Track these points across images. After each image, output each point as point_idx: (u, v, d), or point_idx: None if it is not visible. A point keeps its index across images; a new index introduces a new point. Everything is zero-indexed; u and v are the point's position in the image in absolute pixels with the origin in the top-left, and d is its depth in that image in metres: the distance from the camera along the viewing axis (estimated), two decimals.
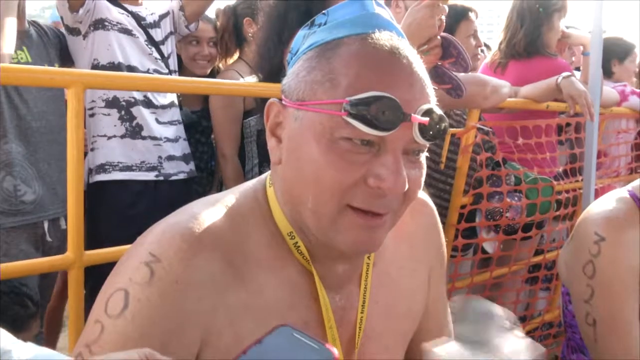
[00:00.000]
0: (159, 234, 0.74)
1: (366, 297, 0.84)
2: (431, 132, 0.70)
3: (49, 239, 2.01)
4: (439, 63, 1.78)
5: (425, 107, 0.70)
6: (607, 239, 1.34)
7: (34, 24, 2.15)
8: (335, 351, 0.56)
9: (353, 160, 0.69)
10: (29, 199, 1.95)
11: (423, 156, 0.75)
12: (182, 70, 2.66)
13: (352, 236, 0.72)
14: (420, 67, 0.74)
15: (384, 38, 0.73)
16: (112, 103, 2.15)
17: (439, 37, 1.74)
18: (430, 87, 0.75)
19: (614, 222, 1.36)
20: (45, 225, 2.01)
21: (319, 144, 0.70)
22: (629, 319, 1.33)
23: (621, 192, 1.43)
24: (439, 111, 0.72)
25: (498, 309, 0.63)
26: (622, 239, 1.34)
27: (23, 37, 2.00)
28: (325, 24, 0.77)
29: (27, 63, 2.00)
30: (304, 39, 0.78)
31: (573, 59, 3.36)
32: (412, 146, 0.71)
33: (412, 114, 0.69)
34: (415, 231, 0.93)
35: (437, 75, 1.80)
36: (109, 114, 2.15)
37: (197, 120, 2.59)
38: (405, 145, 0.70)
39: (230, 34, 2.59)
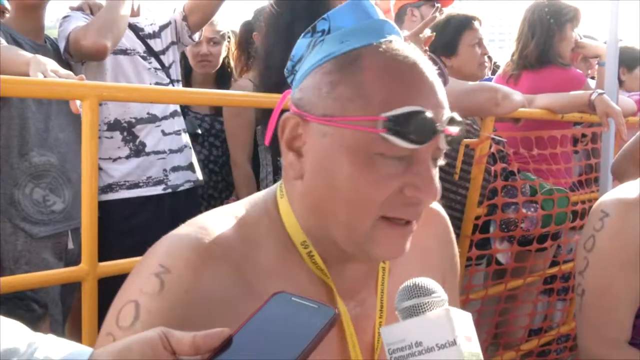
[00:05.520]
0: (169, 246, 0.74)
1: (384, 302, 0.84)
2: (455, 137, 0.73)
3: (71, 246, 2.03)
4: None
5: (448, 114, 0.73)
6: (611, 214, 1.37)
7: (46, 37, 2.17)
8: (335, 308, 0.58)
9: (389, 174, 0.70)
10: (58, 209, 1.98)
11: (439, 162, 0.77)
12: (193, 75, 2.72)
13: (387, 245, 0.74)
14: (434, 73, 0.75)
15: (401, 48, 0.74)
16: (113, 126, 2.16)
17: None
18: (444, 92, 0.76)
19: (622, 202, 1.39)
20: (69, 233, 2.03)
21: (354, 160, 0.70)
22: (617, 295, 1.35)
23: (635, 182, 1.45)
24: (457, 117, 0.74)
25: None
26: (628, 217, 1.36)
27: (40, 52, 2.03)
28: (329, 30, 0.76)
29: None
30: (309, 47, 0.78)
31: (589, 71, 3.33)
32: (436, 154, 0.73)
33: (445, 127, 0.71)
34: (427, 240, 0.92)
35: None
36: (112, 137, 2.16)
37: (209, 123, 2.62)
38: (432, 153, 0.72)
39: (245, 48, 2.63)
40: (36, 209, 1.93)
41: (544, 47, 2.69)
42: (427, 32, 1.79)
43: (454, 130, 0.73)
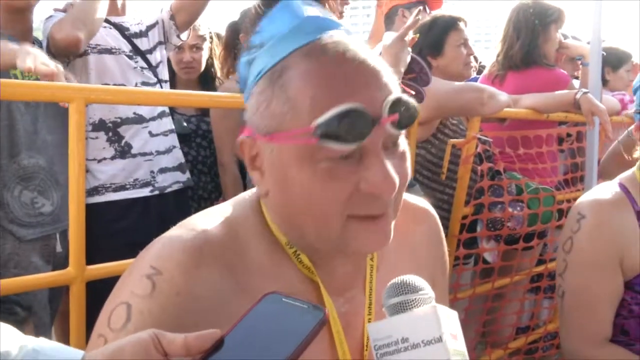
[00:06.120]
0: (160, 248, 0.74)
1: (372, 299, 0.84)
2: (404, 120, 0.69)
3: (59, 249, 2.01)
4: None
5: (391, 98, 0.69)
6: (587, 216, 1.40)
7: (35, 39, 2.17)
8: (326, 309, 0.58)
9: (340, 176, 0.69)
10: (47, 211, 1.96)
11: (402, 142, 0.73)
12: (177, 77, 2.71)
13: (362, 240, 0.73)
14: (371, 57, 0.72)
15: (327, 44, 0.71)
16: (98, 126, 2.15)
17: None
18: (388, 73, 0.73)
19: (597, 203, 1.42)
20: (57, 236, 2.01)
21: (302, 172, 0.69)
22: (597, 295, 1.38)
23: (611, 183, 1.47)
24: (404, 97, 0.70)
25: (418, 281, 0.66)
26: (603, 218, 1.39)
27: None
28: (262, 44, 0.74)
29: (37, 79, 2.02)
30: (247, 66, 0.77)
31: (576, 72, 3.37)
32: (390, 139, 0.71)
33: (382, 117, 0.68)
34: (417, 239, 0.92)
35: None
36: (97, 137, 2.15)
37: (196, 124, 2.61)
38: (384, 141, 0.70)
39: (231, 50, 2.64)
40: (24, 212, 1.91)
41: (529, 48, 2.72)
42: (411, 35, 1.82)
43: (401, 111, 0.69)
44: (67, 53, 2.05)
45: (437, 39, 2.45)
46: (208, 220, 0.78)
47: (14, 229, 1.89)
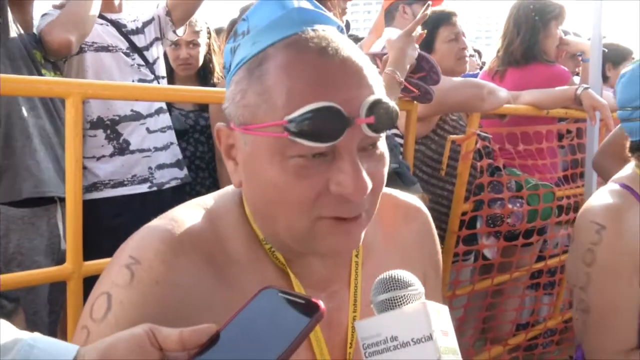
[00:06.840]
0: (139, 239, 0.75)
1: (357, 296, 0.83)
2: (382, 123, 0.68)
3: (63, 247, 2.00)
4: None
5: (370, 99, 0.67)
6: (607, 227, 1.36)
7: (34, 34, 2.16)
8: (321, 303, 0.57)
9: (310, 174, 0.67)
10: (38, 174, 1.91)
11: (381, 144, 0.72)
12: (175, 73, 2.71)
13: (330, 242, 0.71)
14: (356, 55, 0.70)
15: (310, 37, 0.69)
16: (96, 124, 2.15)
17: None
18: (372, 73, 0.71)
19: (613, 211, 1.38)
20: (61, 233, 1.98)
21: (272, 166, 0.68)
22: (626, 307, 1.35)
23: (612, 186, 1.44)
24: (385, 99, 0.68)
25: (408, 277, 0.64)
26: (623, 228, 1.35)
27: (29, 40, 2.03)
28: (248, 31, 0.73)
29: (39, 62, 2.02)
30: (232, 53, 0.75)
31: (577, 69, 3.36)
32: (367, 141, 0.69)
33: (357, 118, 0.66)
34: (407, 237, 0.91)
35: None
36: (95, 135, 2.15)
37: (194, 120, 2.61)
38: (359, 143, 0.68)
39: None
40: (25, 166, 1.86)
41: (529, 44, 2.72)
42: (419, 31, 1.80)
43: (380, 113, 0.67)
44: (58, 55, 2.06)
45: (426, 35, 2.43)
46: (189, 212, 0.79)
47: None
